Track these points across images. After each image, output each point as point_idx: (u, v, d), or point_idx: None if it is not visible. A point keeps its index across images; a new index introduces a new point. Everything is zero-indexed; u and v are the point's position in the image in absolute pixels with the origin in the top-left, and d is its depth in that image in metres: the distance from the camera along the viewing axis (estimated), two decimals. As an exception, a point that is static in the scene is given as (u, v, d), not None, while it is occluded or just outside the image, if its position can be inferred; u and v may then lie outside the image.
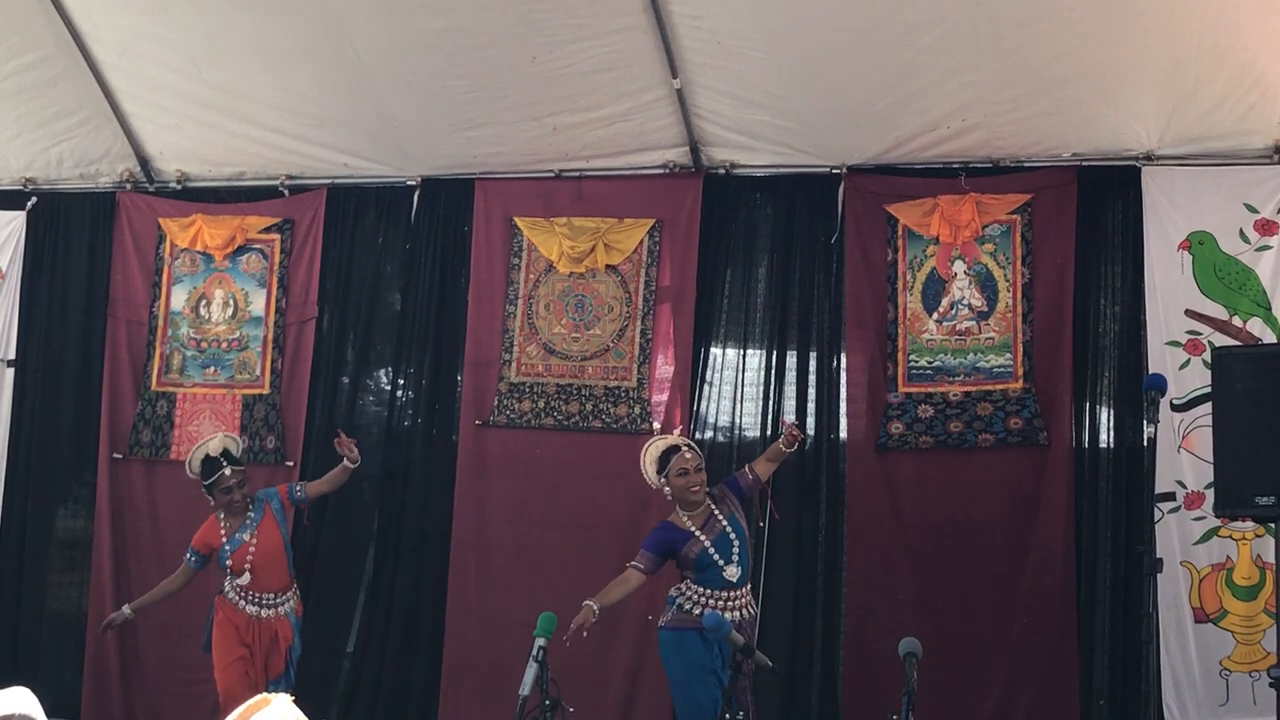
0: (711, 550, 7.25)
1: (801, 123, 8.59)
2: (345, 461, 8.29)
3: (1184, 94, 7.88)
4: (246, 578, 8.07)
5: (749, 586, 7.37)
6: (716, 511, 7.37)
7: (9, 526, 9.77)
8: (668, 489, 7.39)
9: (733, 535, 7.30)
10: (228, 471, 8.15)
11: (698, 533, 7.29)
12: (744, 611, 7.25)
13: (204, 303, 9.66)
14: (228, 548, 8.12)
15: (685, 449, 7.45)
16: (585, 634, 7.01)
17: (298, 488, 8.39)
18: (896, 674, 5.58)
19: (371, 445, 9.46)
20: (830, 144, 8.64)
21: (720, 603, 7.18)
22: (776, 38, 8.14)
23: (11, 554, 9.77)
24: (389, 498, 9.33)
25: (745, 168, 8.95)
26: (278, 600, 8.15)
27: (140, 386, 9.65)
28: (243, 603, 8.10)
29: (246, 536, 8.13)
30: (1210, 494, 7.46)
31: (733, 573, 7.23)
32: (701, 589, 7.24)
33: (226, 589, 8.14)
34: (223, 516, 8.20)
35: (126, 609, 8.31)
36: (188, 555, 8.26)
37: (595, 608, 7.02)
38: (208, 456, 8.21)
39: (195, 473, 8.23)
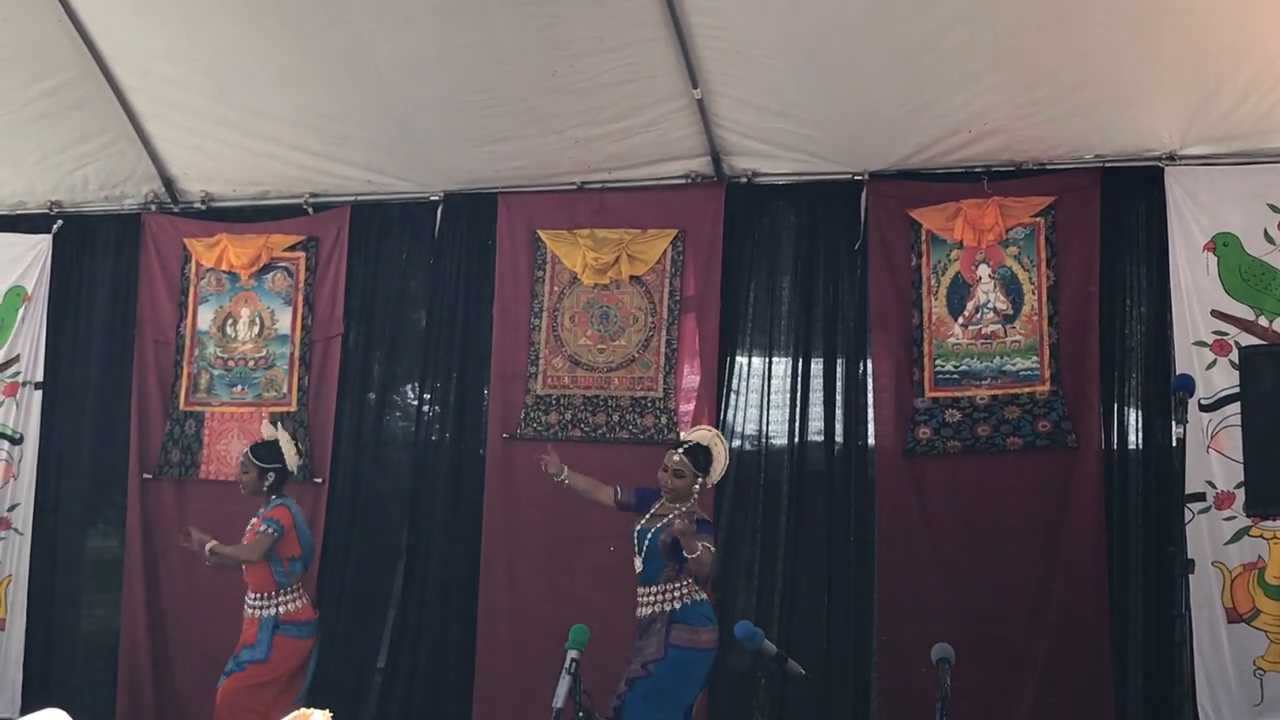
0: (634, 535, 7.53)
1: (823, 130, 8.59)
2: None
3: (1205, 93, 7.86)
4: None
5: (655, 585, 7.39)
6: (671, 517, 7.42)
7: (40, 548, 9.80)
8: None
9: (650, 537, 7.43)
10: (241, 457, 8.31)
11: (651, 514, 7.53)
12: (649, 609, 7.39)
13: (230, 322, 9.70)
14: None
15: (675, 451, 7.61)
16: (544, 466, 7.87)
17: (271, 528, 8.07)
18: (928, 678, 5.57)
19: (399, 461, 9.52)
20: (852, 150, 8.63)
21: (638, 597, 7.45)
22: (796, 46, 8.15)
23: (43, 575, 9.80)
24: (418, 512, 9.34)
25: (767, 176, 8.94)
26: (258, 603, 8.01)
27: (168, 407, 9.70)
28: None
29: (249, 524, 8.15)
30: (1240, 494, 7.44)
31: (636, 564, 7.44)
32: None
33: None
34: None
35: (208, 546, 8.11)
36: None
37: (565, 473, 7.84)
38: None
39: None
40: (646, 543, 7.42)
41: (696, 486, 7.56)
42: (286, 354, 9.56)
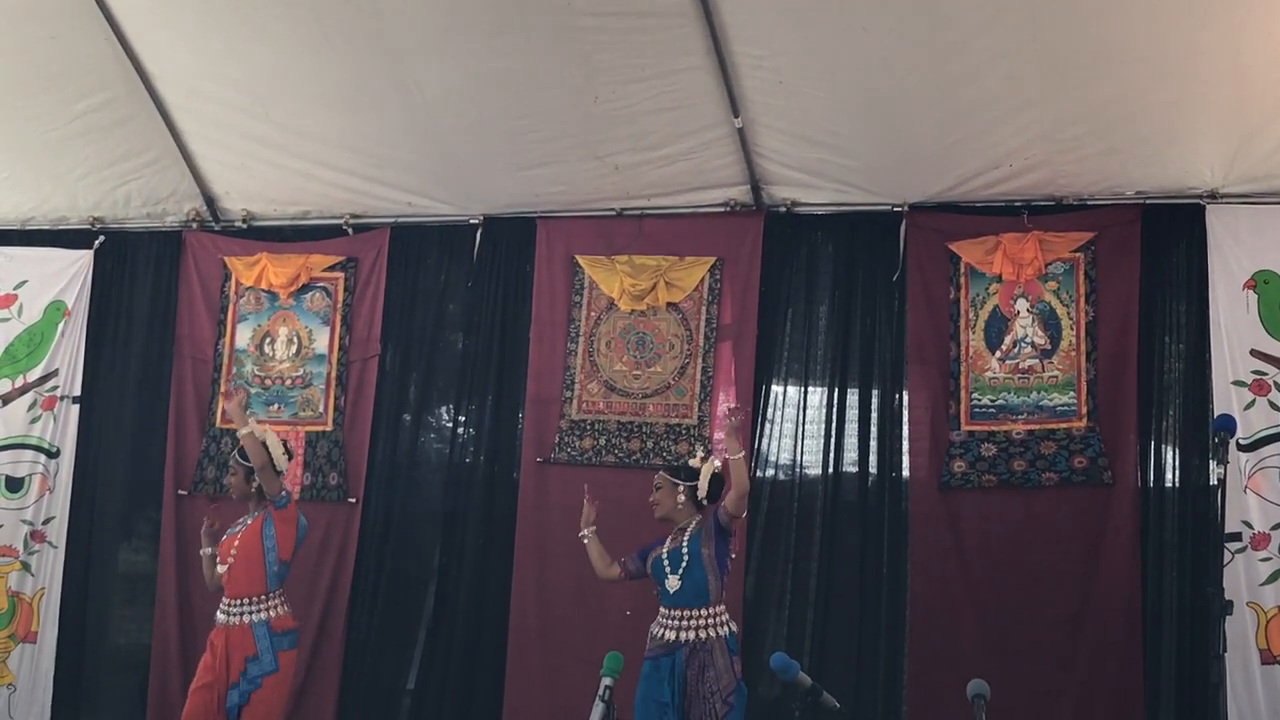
0: (664, 559, 7.38)
1: (863, 161, 8.60)
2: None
3: (1248, 132, 7.85)
4: (224, 569, 8.03)
5: (706, 608, 7.27)
6: (686, 532, 7.41)
7: (74, 561, 9.84)
8: None
9: (685, 552, 7.33)
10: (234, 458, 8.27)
11: (665, 544, 7.45)
12: (699, 633, 7.23)
13: (268, 340, 9.75)
14: (226, 534, 8.20)
15: (658, 474, 7.66)
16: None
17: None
18: (960, 713, 5.54)
19: (433, 482, 9.53)
20: (892, 182, 8.64)
21: (668, 621, 7.29)
22: (838, 77, 8.16)
23: (76, 588, 9.83)
24: (450, 535, 9.34)
25: (806, 206, 8.95)
26: (245, 608, 7.94)
27: (205, 424, 9.74)
28: (219, 614, 8.02)
29: (236, 531, 8.14)
30: (1277, 535, 7.39)
31: (672, 583, 7.30)
32: (660, 608, 7.39)
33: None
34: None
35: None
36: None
37: (588, 532, 7.82)
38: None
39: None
40: (684, 561, 7.30)
41: (682, 496, 7.47)
42: (323, 374, 9.59)
